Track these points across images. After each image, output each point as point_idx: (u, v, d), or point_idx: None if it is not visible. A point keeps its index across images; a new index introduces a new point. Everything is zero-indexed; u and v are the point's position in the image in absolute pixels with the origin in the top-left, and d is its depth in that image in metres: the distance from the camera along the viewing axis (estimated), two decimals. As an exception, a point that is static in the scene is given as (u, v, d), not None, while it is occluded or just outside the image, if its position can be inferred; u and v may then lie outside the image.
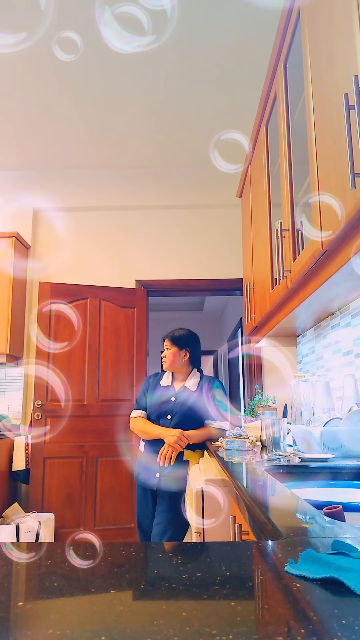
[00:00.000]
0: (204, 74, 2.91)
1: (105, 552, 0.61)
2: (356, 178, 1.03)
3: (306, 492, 1.22)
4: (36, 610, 0.44)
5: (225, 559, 0.56)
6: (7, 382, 3.81)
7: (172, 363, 2.41)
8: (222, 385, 2.44)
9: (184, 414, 2.31)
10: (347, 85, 1.09)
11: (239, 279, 3.86)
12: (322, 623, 0.39)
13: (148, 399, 2.42)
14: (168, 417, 2.33)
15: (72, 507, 3.45)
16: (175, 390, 2.39)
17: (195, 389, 2.38)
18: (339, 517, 0.79)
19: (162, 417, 2.35)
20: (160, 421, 2.35)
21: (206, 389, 2.38)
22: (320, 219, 1.33)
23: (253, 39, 2.62)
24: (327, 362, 2.31)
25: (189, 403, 2.33)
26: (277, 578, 0.49)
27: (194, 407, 2.32)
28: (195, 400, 2.34)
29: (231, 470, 1.25)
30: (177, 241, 4.03)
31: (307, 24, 1.47)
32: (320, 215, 1.33)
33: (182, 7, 2.42)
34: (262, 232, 2.34)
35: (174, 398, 2.36)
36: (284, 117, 1.83)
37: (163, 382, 2.45)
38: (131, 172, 4.07)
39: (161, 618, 0.41)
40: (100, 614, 0.42)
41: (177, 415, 2.32)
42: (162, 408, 2.35)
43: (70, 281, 3.89)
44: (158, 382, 2.46)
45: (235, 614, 0.41)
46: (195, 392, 2.37)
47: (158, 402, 2.37)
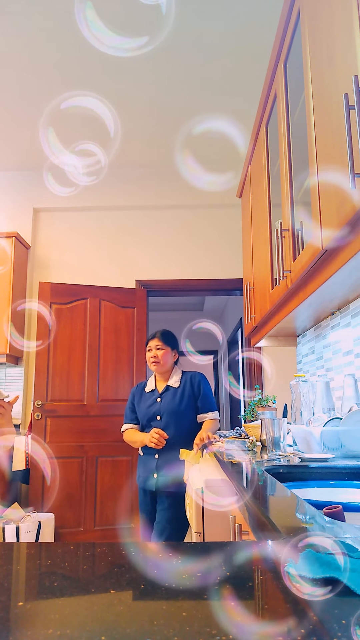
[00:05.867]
0: (204, 74, 2.91)
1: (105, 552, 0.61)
2: (356, 178, 1.03)
3: (306, 492, 1.22)
4: (36, 610, 0.44)
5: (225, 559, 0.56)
6: (7, 382, 3.81)
7: (165, 364, 2.43)
8: (206, 378, 2.49)
9: (172, 412, 2.35)
10: (347, 85, 1.09)
11: (239, 279, 3.86)
12: (322, 623, 0.39)
13: (137, 408, 2.46)
14: (158, 417, 2.37)
15: (72, 507, 3.45)
16: (159, 392, 2.44)
17: (178, 385, 2.42)
18: (339, 517, 0.79)
19: (153, 420, 2.38)
20: (152, 424, 2.38)
21: (191, 384, 2.42)
22: (320, 218, 1.33)
23: (253, 39, 2.62)
24: (327, 362, 2.31)
25: (175, 400, 2.38)
26: (277, 578, 0.49)
27: (179, 403, 2.36)
28: (180, 396, 2.39)
29: (231, 470, 1.25)
30: (177, 241, 4.03)
31: (307, 24, 1.47)
32: (320, 215, 1.33)
33: (183, 8, 2.42)
34: (262, 232, 2.34)
35: (160, 399, 2.41)
36: (284, 117, 1.83)
37: (147, 388, 2.48)
38: (131, 172, 4.07)
39: (161, 618, 0.41)
40: (100, 614, 0.42)
41: (166, 414, 2.36)
42: (151, 411, 2.39)
43: (70, 281, 3.89)
44: (143, 391, 2.50)
45: (235, 614, 0.41)
46: (179, 389, 2.41)
47: (146, 407, 2.41)
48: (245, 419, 2.65)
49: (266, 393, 3.66)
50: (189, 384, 2.42)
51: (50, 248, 4.03)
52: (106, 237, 4.04)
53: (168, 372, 2.48)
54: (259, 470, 1.26)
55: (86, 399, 3.59)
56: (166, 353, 2.43)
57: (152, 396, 2.44)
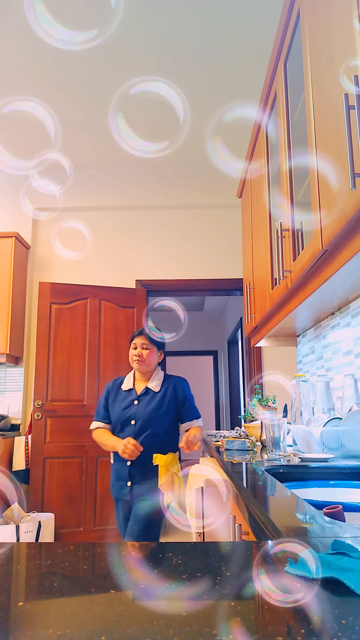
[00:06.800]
0: (204, 74, 2.91)
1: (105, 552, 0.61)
2: (356, 178, 1.03)
3: (306, 492, 1.22)
4: (36, 610, 0.44)
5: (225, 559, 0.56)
6: (7, 382, 3.81)
7: (150, 364, 2.24)
8: (188, 384, 2.33)
9: (148, 417, 2.15)
10: (347, 85, 1.09)
11: (239, 279, 3.86)
12: (322, 623, 0.39)
13: (111, 408, 2.25)
14: (132, 422, 2.16)
15: (72, 507, 3.45)
16: (137, 394, 2.23)
17: (158, 389, 2.22)
18: (339, 517, 0.79)
19: (126, 424, 2.17)
20: (125, 428, 2.17)
21: (174, 390, 2.24)
22: (320, 218, 1.33)
23: (253, 39, 2.62)
24: (327, 362, 2.31)
25: (152, 405, 2.18)
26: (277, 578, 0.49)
27: (157, 409, 2.17)
28: (159, 401, 2.19)
29: (231, 471, 1.25)
30: (177, 241, 4.03)
31: (307, 24, 1.47)
32: (320, 215, 1.33)
33: (184, 8, 2.42)
34: (262, 232, 2.34)
35: (137, 401, 2.20)
36: (284, 117, 1.83)
37: (124, 386, 2.27)
38: (131, 172, 4.07)
39: (161, 618, 0.41)
40: (100, 614, 0.42)
41: (141, 419, 2.15)
42: (125, 414, 2.18)
43: (70, 281, 3.89)
44: (119, 388, 2.29)
45: (235, 614, 0.41)
46: (160, 393, 2.22)
47: (121, 409, 2.20)
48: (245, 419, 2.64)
49: (266, 393, 3.65)
50: (172, 390, 2.23)
51: (50, 248, 4.03)
52: (106, 237, 4.04)
53: (150, 372, 2.27)
54: (259, 470, 1.26)
55: (86, 399, 3.59)
56: (152, 353, 2.23)
57: (129, 397, 2.22)
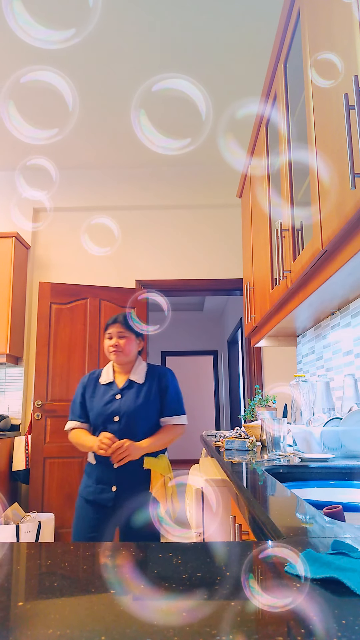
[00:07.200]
0: (204, 73, 2.91)
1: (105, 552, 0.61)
2: (356, 178, 1.03)
3: (306, 492, 1.22)
4: (36, 610, 0.44)
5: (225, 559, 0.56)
6: (7, 382, 3.81)
7: (129, 353, 1.98)
8: (175, 376, 2.08)
9: (134, 413, 1.90)
10: (347, 85, 1.09)
11: (239, 279, 3.86)
12: (322, 623, 0.39)
13: (89, 404, 1.99)
14: (115, 419, 1.90)
15: (72, 507, 3.44)
16: (119, 387, 1.97)
17: (143, 381, 1.98)
18: (339, 517, 0.79)
19: (109, 421, 1.92)
20: (107, 426, 1.91)
21: (159, 381, 2.00)
22: (320, 218, 1.33)
23: (253, 38, 2.62)
24: (327, 362, 2.31)
25: (139, 399, 1.93)
26: (277, 578, 0.49)
27: (144, 403, 1.93)
28: (145, 394, 1.95)
29: (231, 470, 1.25)
30: (177, 241, 4.04)
31: (307, 24, 1.47)
32: (320, 215, 1.33)
33: (184, 8, 2.42)
34: (262, 232, 2.34)
35: (119, 395, 1.94)
36: (284, 117, 1.83)
37: (103, 379, 2.01)
38: (131, 172, 4.07)
39: (161, 618, 0.41)
40: (100, 614, 0.42)
41: (126, 415, 1.90)
42: (107, 410, 1.92)
43: (70, 281, 3.90)
44: (97, 382, 2.03)
45: (235, 614, 0.41)
46: (145, 385, 1.97)
47: (101, 405, 1.94)
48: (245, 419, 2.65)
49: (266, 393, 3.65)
50: (157, 380, 1.99)
51: (50, 248, 4.04)
52: (106, 237, 4.04)
53: (130, 363, 2.01)
54: (259, 470, 1.26)
55: (86, 399, 3.59)
56: (129, 341, 1.97)
57: (110, 391, 1.96)
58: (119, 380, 2.01)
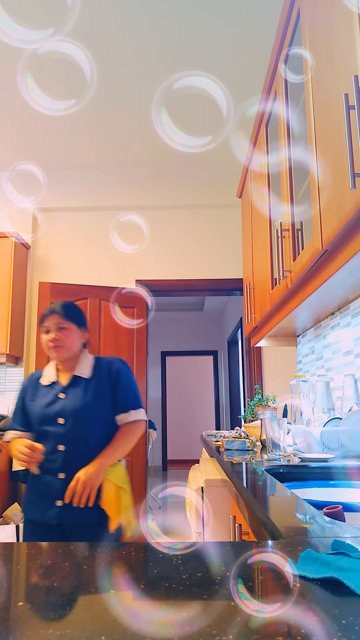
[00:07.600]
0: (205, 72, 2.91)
1: (105, 552, 0.61)
2: (356, 178, 1.03)
3: (306, 492, 1.22)
4: (36, 610, 0.44)
5: (225, 559, 0.56)
6: (7, 382, 3.81)
7: (72, 347, 1.72)
8: (128, 365, 1.81)
9: (81, 412, 1.63)
10: (347, 85, 1.09)
11: (239, 279, 3.86)
12: (322, 623, 0.39)
13: (29, 408, 1.71)
14: (60, 420, 1.63)
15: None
16: (62, 385, 1.71)
17: (90, 375, 1.72)
18: (339, 517, 0.79)
19: (52, 424, 1.64)
20: (49, 430, 1.63)
21: (109, 373, 1.73)
22: (320, 218, 1.33)
23: (253, 38, 2.63)
24: (327, 362, 2.31)
25: (87, 395, 1.67)
26: (277, 578, 0.49)
27: (93, 400, 1.66)
28: (94, 390, 1.69)
29: (231, 471, 1.25)
30: (177, 241, 4.04)
31: (307, 24, 1.47)
32: (320, 215, 1.33)
33: (185, 8, 2.42)
34: (262, 232, 2.34)
35: (63, 394, 1.68)
36: (284, 117, 1.83)
37: (44, 380, 1.75)
38: (131, 172, 4.08)
39: (161, 618, 0.41)
40: (100, 614, 0.42)
41: (72, 415, 1.63)
42: (50, 412, 1.65)
43: (70, 281, 3.90)
44: (37, 384, 1.76)
45: (235, 614, 0.41)
46: (92, 380, 1.71)
47: (42, 407, 1.68)
48: (245, 419, 2.65)
49: (266, 393, 3.66)
50: (106, 373, 1.73)
51: (50, 248, 4.04)
52: (106, 237, 4.04)
53: (74, 358, 1.75)
54: (259, 470, 1.26)
55: (86, 399, 3.59)
56: (71, 332, 1.71)
57: (52, 391, 1.70)
58: (62, 378, 1.74)
